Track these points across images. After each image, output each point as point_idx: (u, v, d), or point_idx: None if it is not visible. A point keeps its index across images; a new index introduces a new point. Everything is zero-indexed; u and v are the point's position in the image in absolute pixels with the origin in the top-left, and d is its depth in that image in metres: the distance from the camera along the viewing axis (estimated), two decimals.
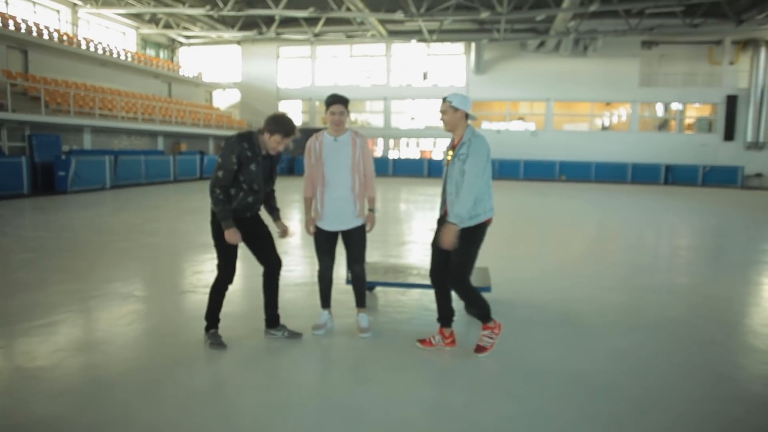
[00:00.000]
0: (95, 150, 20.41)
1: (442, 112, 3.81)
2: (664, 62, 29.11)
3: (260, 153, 3.81)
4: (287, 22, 28.04)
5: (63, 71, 22.05)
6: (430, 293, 5.30)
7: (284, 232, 4.09)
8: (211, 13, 23.82)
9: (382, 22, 26.15)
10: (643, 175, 27.89)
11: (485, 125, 31.59)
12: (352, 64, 32.23)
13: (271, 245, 4.07)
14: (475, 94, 30.41)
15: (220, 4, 23.52)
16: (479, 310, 3.86)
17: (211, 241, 3.90)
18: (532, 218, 12.13)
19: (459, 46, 30.49)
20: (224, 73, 33.29)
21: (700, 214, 15.00)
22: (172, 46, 32.60)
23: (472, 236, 3.73)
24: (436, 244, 3.87)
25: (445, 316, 4.00)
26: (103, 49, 24.14)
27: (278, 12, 23.72)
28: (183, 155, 24.14)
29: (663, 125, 30.53)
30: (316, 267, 4.33)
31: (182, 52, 33.33)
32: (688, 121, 30.26)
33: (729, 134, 28.12)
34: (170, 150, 25.67)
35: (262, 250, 4.05)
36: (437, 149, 32.73)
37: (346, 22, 27.28)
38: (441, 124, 3.84)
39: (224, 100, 34.28)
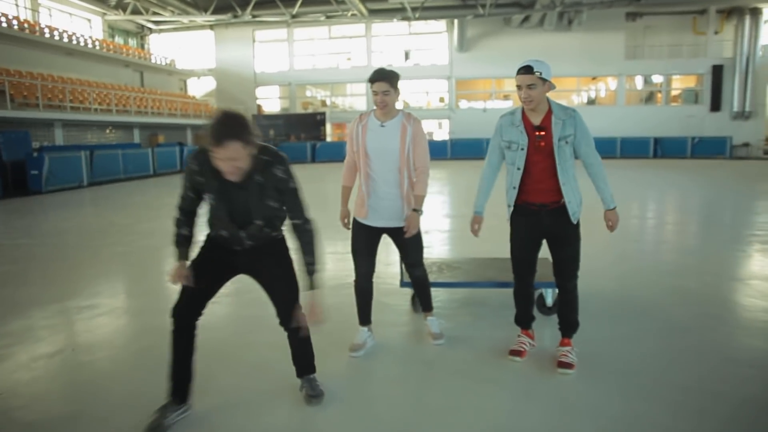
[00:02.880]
0: (69, 146, 19.19)
1: (530, 86, 3.04)
2: (649, 34, 28.76)
3: (217, 177, 2.48)
4: (263, 4, 26.78)
5: (25, 62, 20.56)
6: (478, 291, 4.73)
7: (303, 322, 2.72)
8: None
9: (363, 0, 25.16)
10: (632, 149, 27.59)
11: (464, 104, 31.01)
12: (331, 46, 31.16)
13: (279, 295, 2.74)
14: (458, 72, 29.80)
15: None
16: (576, 316, 3.36)
17: None
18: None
19: (441, 24, 29.65)
20: (198, 60, 31.89)
21: (715, 188, 14.63)
22: (141, 33, 31.04)
23: (579, 226, 3.27)
24: (531, 239, 3.32)
25: (531, 317, 3.53)
26: (69, 37, 22.66)
27: None
28: (161, 147, 22.97)
29: (649, 98, 30.29)
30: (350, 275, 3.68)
31: (152, 40, 31.79)
32: (674, 92, 30.07)
33: (715, 105, 28.00)
34: (147, 143, 24.46)
35: (269, 295, 2.79)
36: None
37: (324, 2, 26.20)
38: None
39: (199, 88, 32.93)
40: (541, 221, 3.23)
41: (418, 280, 3.65)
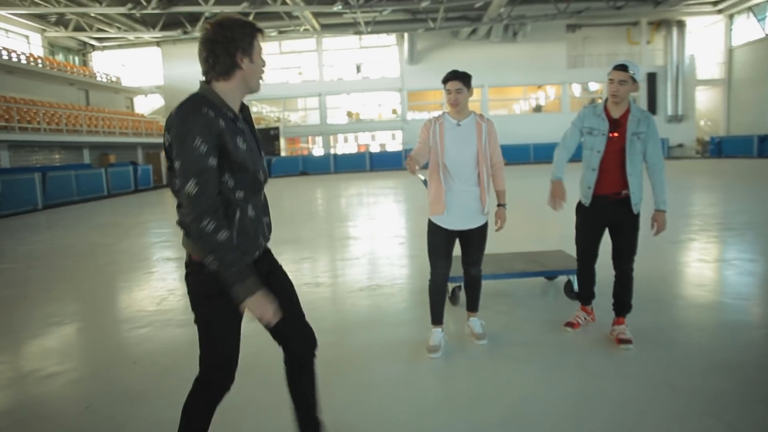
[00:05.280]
0: (20, 168, 18.34)
1: (621, 82, 3.40)
2: (588, 44, 30.46)
3: (233, 115, 1.91)
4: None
5: None
6: (500, 285, 5.05)
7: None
8: (132, 11, 22.03)
9: (316, 15, 25.38)
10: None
11: (417, 116, 31.66)
12: (282, 61, 31.15)
13: (298, 307, 2.18)
14: (409, 84, 30.46)
15: (143, 2, 21.81)
16: (630, 297, 3.71)
17: None
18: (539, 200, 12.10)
19: (392, 38, 30.28)
20: (144, 77, 31.09)
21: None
22: (83, 50, 29.99)
23: (639, 217, 3.64)
24: (596, 230, 3.73)
25: (591, 295, 3.94)
26: (9, 54, 21.66)
27: (208, 9, 22.36)
28: (114, 167, 22.27)
29: (591, 104, 31.93)
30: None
31: (96, 57, 30.77)
32: None
33: (651, 109, 29.78)
34: (98, 163, 23.62)
35: (284, 318, 1.98)
36: (375, 142, 32.46)
37: (276, 17, 26.23)
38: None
39: (147, 106, 32.05)
40: (605, 211, 3.60)
41: (473, 279, 3.79)
